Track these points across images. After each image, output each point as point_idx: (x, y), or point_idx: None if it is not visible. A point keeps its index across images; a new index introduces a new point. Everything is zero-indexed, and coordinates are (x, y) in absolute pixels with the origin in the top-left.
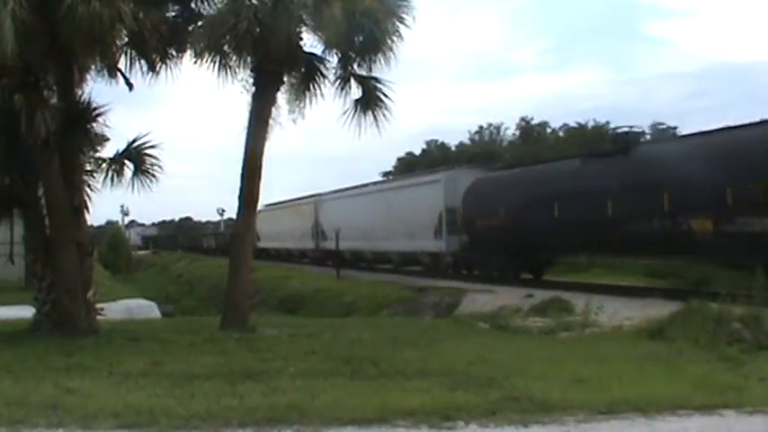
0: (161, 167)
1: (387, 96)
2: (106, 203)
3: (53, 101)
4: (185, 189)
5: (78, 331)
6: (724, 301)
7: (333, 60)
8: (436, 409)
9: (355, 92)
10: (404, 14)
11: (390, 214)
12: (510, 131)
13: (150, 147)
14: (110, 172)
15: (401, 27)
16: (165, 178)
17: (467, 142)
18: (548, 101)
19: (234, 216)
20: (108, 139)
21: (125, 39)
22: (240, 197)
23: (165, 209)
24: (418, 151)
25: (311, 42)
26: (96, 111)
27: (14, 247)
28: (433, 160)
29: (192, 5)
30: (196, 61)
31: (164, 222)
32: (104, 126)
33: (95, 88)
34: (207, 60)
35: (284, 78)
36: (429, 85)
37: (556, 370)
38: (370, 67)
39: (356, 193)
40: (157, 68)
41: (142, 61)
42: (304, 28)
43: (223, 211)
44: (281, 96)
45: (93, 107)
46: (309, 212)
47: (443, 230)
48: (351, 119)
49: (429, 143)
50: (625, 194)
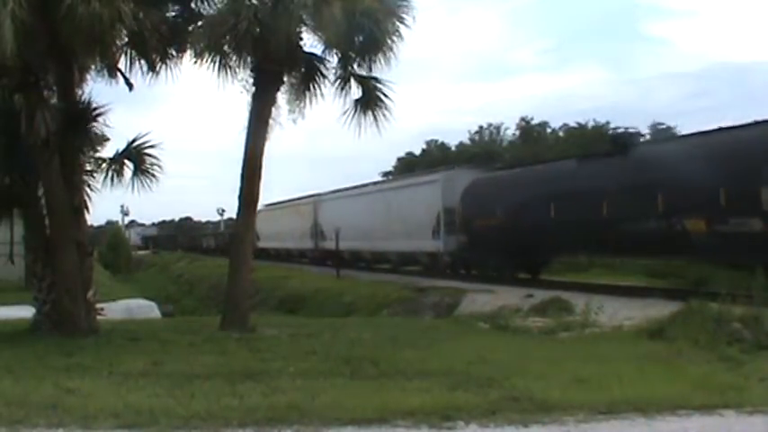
0: (161, 167)
1: (387, 96)
2: (106, 203)
3: (53, 101)
4: (185, 189)
5: (78, 331)
6: (724, 301)
7: (333, 60)
8: (436, 409)
9: (355, 92)
10: (404, 14)
11: (389, 214)
12: (510, 131)
13: (150, 146)
14: (110, 172)
15: (401, 27)
16: (165, 178)
17: (467, 142)
18: (548, 101)
19: (234, 216)
20: (108, 139)
21: (125, 39)
22: (240, 197)
23: (165, 209)
24: (418, 151)
25: (311, 42)
26: (96, 111)
27: (14, 247)
28: (433, 160)
29: (192, 5)
30: (196, 61)
31: (164, 222)
32: (104, 126)
33: (95, 88)
34: (207, 60)
35: (284, 78)
36: (429, 85)
37: (556, 370)
38: (370, 67)
39: (355, 193)
40: (157, 68)
41: (142, 61)
42: (304, 28)
43: (223, 211)
44: (281, 96)
45: (93, 107)
46: (308, 212)
47: (441, 230)
48: (351, 119)
49: (429, 143)
50: (621, 195)
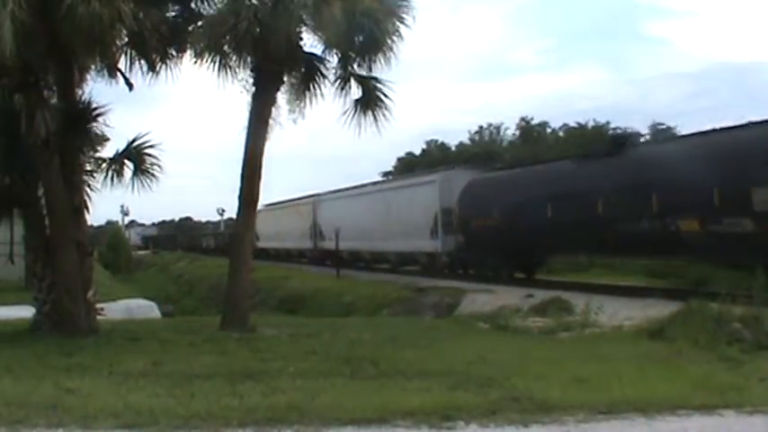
0: (161, 167)
1: (387, 96)
2: (106, 203)
3: (53, 101)
4: (185, 189)
5: (78, 331)
6: (724, 301)
7: (333, 60)
8: (436, 409)
9: (355, 92)
10: (404, 14)
11: (388, 214)
12: (510, 131)
13: (150, 146)
14: (110, 172)
15: (401, 27)
16: (165, 178)
17: (467, 142)
18: (548, 101)
19: (234, 216)
20: (108, 139)
21: (125, 39)
22: (240, 197)
23: (165, 209)
24: (418, 151)
25: (311, 42)
26: (96, 111)
27: (14, 247)
28: (433, 160)
29: (192, 5)
30: (196, 61)
31: (164, 222)
32: (104, 126)
33: (95, 88)
34: (207, 60)
35: (284, 78)
36: (429, 85)
37: (556, 370)
38: (370, 67)
39: (354, 193)
40: (157, 68)
41: (142, 61)
42: (304, 28)
43: (223, 211)
44: (281, 96)
45: (93, 107)
46: (308, 213)
47: (439, 231)
48: (351, 119)
49: (429, 143)
50: (616, 195)
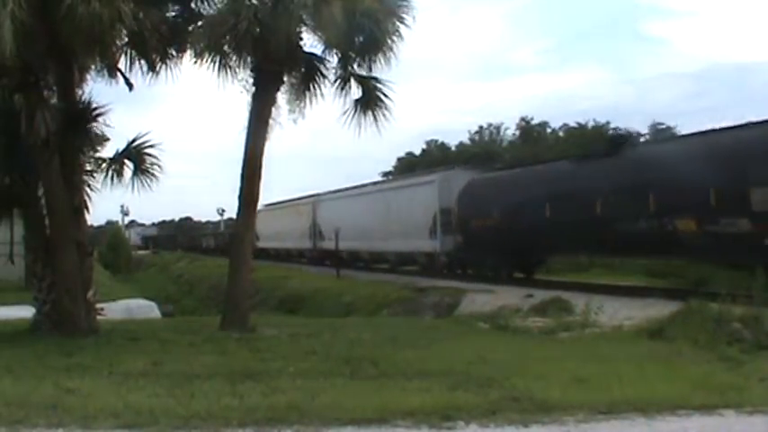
0: (161, 167)
1: (387, 96)
2: (106, 203)
3: (53, 101)
4: (185, 189)
5: (78, 331)
6: (724, 301)
7: (333, 60)
8: (436, 409)
9: (355, 92)
10: (404, 14)
11: (387, 215)
12: (510, 131)
13: (150, 146)
14: (110, 172)
15: (401, 27)
16: (165, 178)
17: (467, 142)
18: (548, 101)
19: (234, 216)
20: (108, 139)
21: (125, 39)
22: (240, 197)
23: (165, 209)
24: (418, 151)
25: (311, 42)
26: (96, 111)
27: (14, 247)
28: (433, 160)
29: (192, 5)
30: (196, 61)
31: (164, 222)
32: (104, 126)
33: (95, 88)
34: (207, 60)
35: (284, 78)
36: (429, 85)
37: (556, 370)
38: (370, 67)
39: (353, 193)
40: (157, 68)
41: (142, 61)
42: (304, 28)
43: (223, 211)
44: (281, 96)
45: (93, 107)
46: (307, 213)
47: (438, 231)
48: (351, 119)
49: (429, 143)
50: (614, 195)
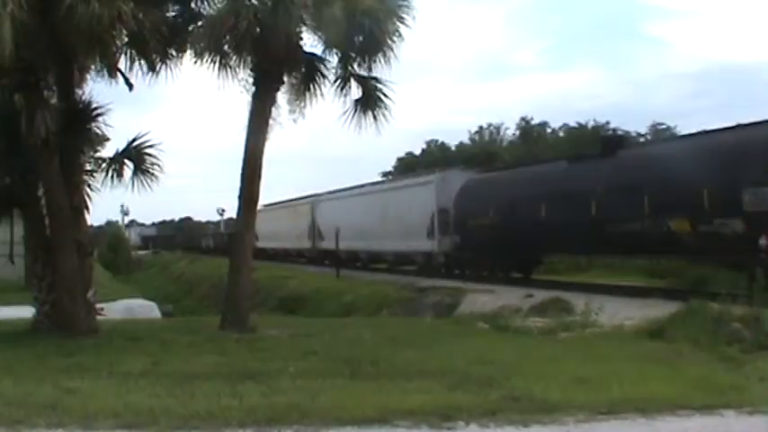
0: (161, 167)
1: (387, 96)
2: (106, 203)
3: (53, 101)
4: (185, 189)
5: (78, 331)
6: (724, 301)
7: (333, 60)
8: (436, 409)
9: (355, 92)
10: (404, 14)
11: (385, 215)
12: (510, 131)
13: (150, 146)
14: (110, 172)
15: (401, 27)
16: (165, 178)
17: (467, 142)
18: (548, 101)
19: (234, 216)
20: (108, 139)
21: (125, 39)
22: (240, 197)
23: (165, 209)
24: (418, 151)
25: (311, 42)
26: (96, 111)
27: (14, 247)
28: (433, 160)
29: (192, 5)
30: (196, 61)
31: (164, 222)
32: (104, 126)
33: (95, 88)
34: (207, 60)
35: (284, 78)
36: (429, 85)
37: (556, 370)
38: (370, 67)
39: (352, 193)
40: (157, 68)
41: (142, 61)
42: (304, 28)
43: (223, 211)
44: (281, 96)
45: (93, 107)
46: (306, 213)
47: (435, 231)
48: (351, 119)
49: (429, 143)
50: (609, 195)
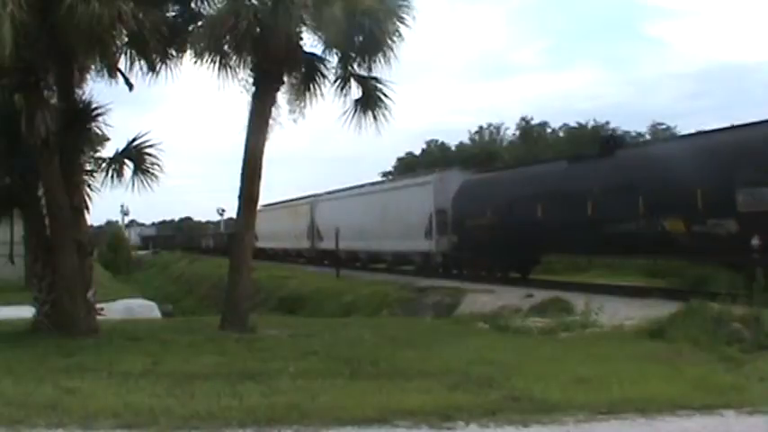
0: (161, 167)
1: (387, 96)
2: (106, 203)
3: (53, 101)
4: (185, 189)
5: (78, 331)
6: (724, 301)
7: (333, 60)
8: (436, 409)
9: (355, 92)
10: (404, 14)
11: (384, 215)
12: (510, 131)
13: (150, 146)
14: (110, 172)
15: (401, 27)
16: (165, 178)
17: (467, 142)
18: (548, 101)
19: (234, 216)
20: (108, 139)
21: (125, 39)
22: (240, 197)
23: (165, 209)
24: (418, 151)
25: (311, 42)
26: (96, 111)
27: (14, 247)
28: (433, 160)
29: (192, 5)
30: (196, 61)
31: (164, 222)
32: (104, 126)
33: (95, 88)
34: (207, 60)
35: (284, 78)
36: (429, 85)
37: (556, 370)
38: (370, 67)
39: (351, 194)
40: (157, 68)
41: (142, 61)
42: (304, 28)
43: (223, 211)
44: (281, 96)
45: (93, 107)
46: (305, 213)
47: (433, 231)
48: (351, 119)
49: (429, 143)
50: (606, 195)
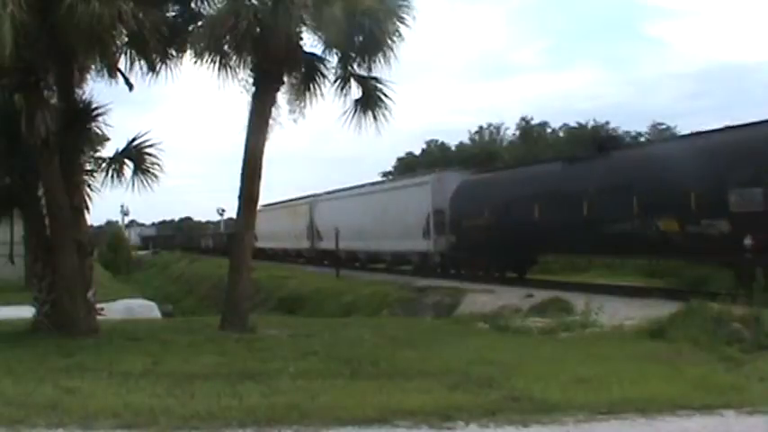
0: (161, 167)
1: (387, 96)
2: (106, 203)
3: (53, 101)
4: (185, 189)
5: (78, 331)
6: (724, 301)
7: (333, 60)
8: (436, 409)
9: (355, 92)
10: (404, 14)
11: (383, 215)
12: (510, 131)
13: (150, 146)
14: (110, 172)
15: (401, 27)
16: (165, 178)
17: (467, 142)
18: (548, 101)
19: (234, 216)
20: (108, 139)
21: (125, 39)
22: (240, 197)
23: (165, 209)
24: (418, 151)
25: (311, 42)
26: (96, 111)
27: (14, 247)
28: (433, 160)
29: (192, 5)
30: (196, 61)
31: (164, 222)
32: (104, 125)
33: (95, 88)
34: (207, 60)
35: (284, 78)
36: (429, 85)
37: (556, 370)
38: (370, 67)
39: (350, 194)
40: (157, 68)
41: (142, 61)
42: (304, 28)
43: (223, 211)
44: (281, 96)
45: (93, 107)
46: (305, 213)
47: (431, 231)
48: (351, 119)
49: (429, 143)
50: (602, 196)
